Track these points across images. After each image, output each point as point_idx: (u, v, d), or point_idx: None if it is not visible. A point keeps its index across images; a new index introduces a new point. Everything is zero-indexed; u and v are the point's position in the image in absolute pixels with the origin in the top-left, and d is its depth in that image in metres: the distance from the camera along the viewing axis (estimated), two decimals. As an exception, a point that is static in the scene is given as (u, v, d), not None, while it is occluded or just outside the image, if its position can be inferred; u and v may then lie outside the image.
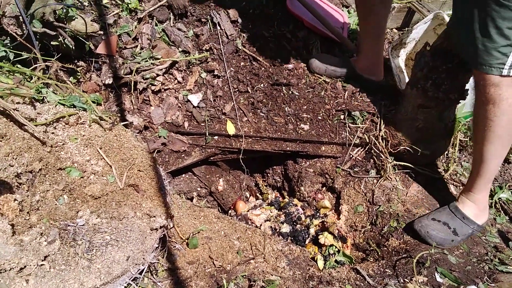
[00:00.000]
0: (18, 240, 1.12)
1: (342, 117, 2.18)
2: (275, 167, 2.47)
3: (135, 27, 2.09)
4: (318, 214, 2.13)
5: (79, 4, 1.87)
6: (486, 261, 1.69)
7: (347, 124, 2.16)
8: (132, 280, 1.25)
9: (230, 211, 2.31)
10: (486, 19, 1.37)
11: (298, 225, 2.07)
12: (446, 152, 2.17)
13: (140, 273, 1.27)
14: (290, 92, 2.20)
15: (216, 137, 2.17)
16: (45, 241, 1.16)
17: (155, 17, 2.13)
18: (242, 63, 2.23)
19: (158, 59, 2.05)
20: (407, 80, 2.22)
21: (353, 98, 2.22)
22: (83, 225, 1.26)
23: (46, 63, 1.73)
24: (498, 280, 1.57)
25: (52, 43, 1.80)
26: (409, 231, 1.81)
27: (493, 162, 1.67)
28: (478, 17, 1.39)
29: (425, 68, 1.83)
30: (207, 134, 2.13)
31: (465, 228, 1.74)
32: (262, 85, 2.21)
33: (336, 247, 1.89)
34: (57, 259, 1.15)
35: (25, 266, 1.09)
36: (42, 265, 1.11)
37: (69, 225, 1.24)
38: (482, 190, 1.75)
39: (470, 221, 1.74)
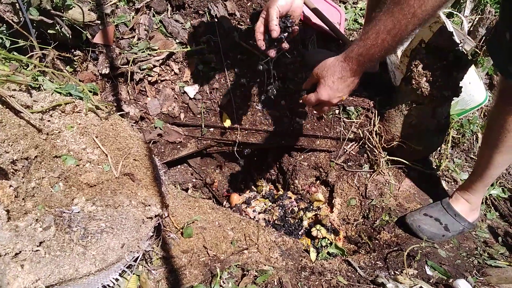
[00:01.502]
0: (13, 225, 1.13)
1: (337, 112, 2.19)
2: (269, 159, 2.49)
3: (133, 17, 2.08)
4: (311, 207, 2.15)
5: (77, -8, 1.86)
6: (476, 255, 1.72)
7: (341, 119, 2.18)
8: (126, 267, 1.26)
9: (224, 203, 2.32)
10: None
11: (292, 218, 2.09)
12: (439, 148, 2.20)
13: (135, 261, 1.28)
14: (286, 86, 2.21)
15: (212, 129, 2.18)
16: (40, 227, 1.16)
17: (152, 8, 2.12)
18: (239, 56, 2.24)
19: (155, 50, 2.04)
20: (401, 76, 2.24)
21: (348, 93, 2.23)
22: (78, 212, 1.27)
23: (43, 51, 1.73)
24: (487, 274, 1.60)
25: (48, 31, 1.79)
26: (400, 225, 1.84)
27: (498, 170, 1.66)
28: None
29: (420, 65, 1.85)
30: (203, 126, 2.14)
31: (456, 225, 1.77)
32: (258, 78, 2.22)
33: (328, 239, 1.91)
34: (52, 245, 1.15)
35: (20, 252, 1.09)
36: (37, 250, 1.12)
37: (64, 212, 1.24)
38: (479, 192, 1.76)
39: (462, 219, 1.77)
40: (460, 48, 1.83)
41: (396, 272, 1.61)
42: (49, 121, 1.45)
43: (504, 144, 1.51)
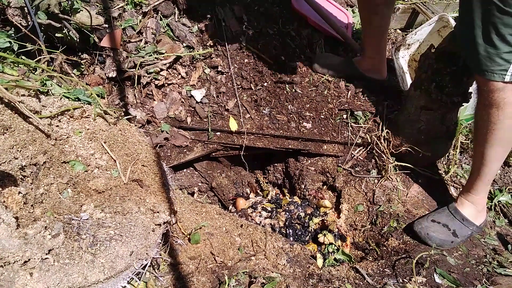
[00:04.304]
0: (22, 233, 1.12)
1: (344, 116, 2.18)
2: (276, 164, 2.47)
3: (140, 21, 2.08)
4: (318, 212, 2.14)
5: (85, -4, 1.86)
6: (485, 263, 1.71)
7: (349, 124, 2.17)
8: (135, 275, 1.25)
9: (230, 207, 2.32)
10: (488, 25, 1.36)
11: (298, 223, 2.08)
12: (447, 154, 2.18)
13: (143, 268, 1.28)
14: (293, 90, 2.20)
15: (218, 133, 2.17)
16: (49, 234, 1.16)
17: (160, 12, 2.12)
18: (246, 60, 2.23)
19: (162, 53, 2.04)
20: (410, 81, 2.22)
21: (356, 98, 2.22)
22: (87, 219, 1.26)
23: (51, 55, 1.72)
24: (497, 282, 1.58)
25: (56, 35, 1.79)
26: (409, 232, 1.83)
27: (494, 165, 1.67)
28: (481, 23, 1.38)
29: (429, 70, 1.83)
30: (209, 130, 2.13)
31: (465, 229, 1.75)
32: (265, 82, 2.21)
33: (335, 245, 1.90)
34: (61, 253, 1.15)
35: (29, 259, 1.09)
36: (46, 258, 1.11)
37: (73, 219, 1.24)
38: (481, 191, 1.76)
39: (470, 223, 1.75)
40: (470, 53, 1.81)
41: (404, 280, 1.60)
42: (57, 126, 1.44)
43: (494, 137, 1.57)
